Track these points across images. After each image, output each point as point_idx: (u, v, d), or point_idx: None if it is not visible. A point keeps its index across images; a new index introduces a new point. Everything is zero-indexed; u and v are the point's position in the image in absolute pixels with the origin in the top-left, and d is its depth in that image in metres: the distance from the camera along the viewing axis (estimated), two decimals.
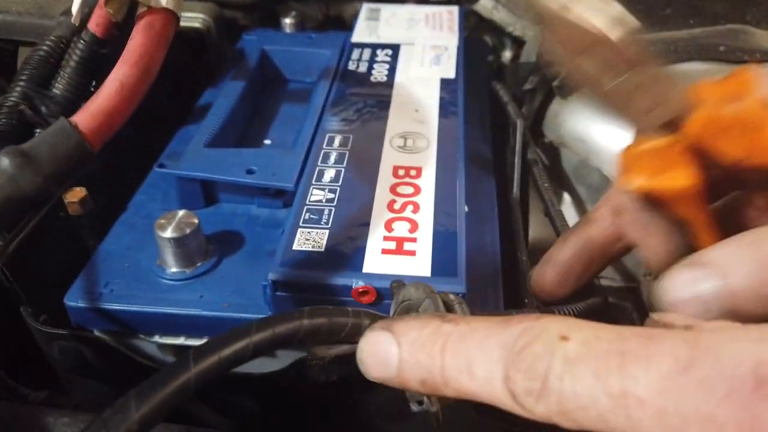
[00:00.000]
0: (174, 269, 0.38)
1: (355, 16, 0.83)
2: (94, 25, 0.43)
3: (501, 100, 0.52)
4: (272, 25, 0.77)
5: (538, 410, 0.18)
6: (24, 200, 0.23)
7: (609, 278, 0.49)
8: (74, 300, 0.37)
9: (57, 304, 0.38)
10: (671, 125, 0.23)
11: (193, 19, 0.60)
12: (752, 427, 0.15)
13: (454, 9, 0.63)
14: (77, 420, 0.27)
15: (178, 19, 0.29)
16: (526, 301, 0.37)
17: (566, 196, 0.50)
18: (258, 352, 0.23)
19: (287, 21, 0.62)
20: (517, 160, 0.46)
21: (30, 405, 0.37)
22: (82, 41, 0.43)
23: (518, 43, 0.77)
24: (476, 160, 0.46)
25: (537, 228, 0.50)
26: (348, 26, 0.84)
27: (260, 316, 0.35)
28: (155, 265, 0.38)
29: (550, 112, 0.52)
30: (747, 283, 0.20)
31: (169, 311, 0.36)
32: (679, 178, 0.23)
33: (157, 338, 0.38)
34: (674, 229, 0.26)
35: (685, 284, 0.22)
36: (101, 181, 0.44)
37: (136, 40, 0.27)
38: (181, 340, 0.37)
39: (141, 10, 0.28)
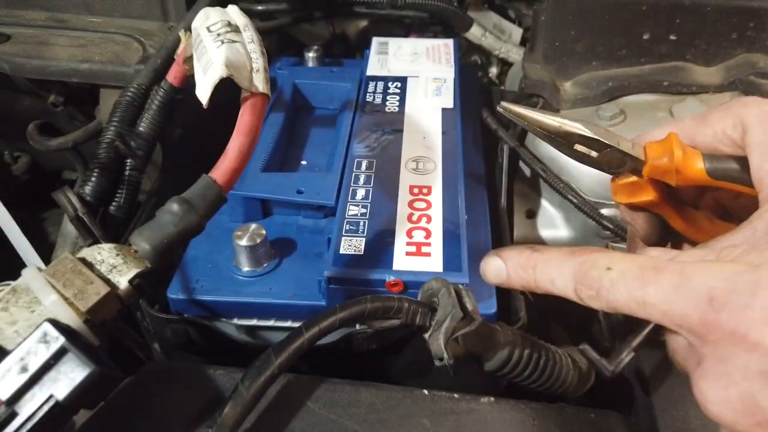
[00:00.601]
0: (247, 268, 0.50)
1: (357, 32, 0.96)
2: (172, 77, 0.54)
3: (490, 127, 0.64)
4: (287, 47, 0.89)
5: (594, 305, 0.32)
6: (189, 232, 0.35)
7: None
8: (175, 293, 0.49)
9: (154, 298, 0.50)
10: (635, 171, 0.37)
11: None
12: (706, 324, 0.28)
13: (450, 42, 0.75)
14: (228, 371, 0.39)
15: (269, 97, 0.41)
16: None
17: (543, 201, 0.63)
18: (342, 324, 0.35)
19: (310, 55, 0.74)
20: (504, 176, 0.58)
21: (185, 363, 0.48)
22: (162, 89, 0.55)
23: (503, 62, 0.90)
24: (472, 176, 0.59)
25: (520, 229, 0.63)
26: (351, 41, 0.96)
27: (317, 303, 0.48)
28: (231, 265, 0.51)
29: (529, 135, 0.64)
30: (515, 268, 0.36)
31: (246, 300, 0.49)
32: (643, 196, 0.37)
33: (235, 320, 0.50)
34: (652, 217, 0.40)
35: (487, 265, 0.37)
36: None
37: (246, 117, 0.39)
38: (254, 322, 0.50)
39: (245, 94, 0.39)
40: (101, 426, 0.35)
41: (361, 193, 0.53)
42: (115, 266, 0.33)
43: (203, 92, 0.39)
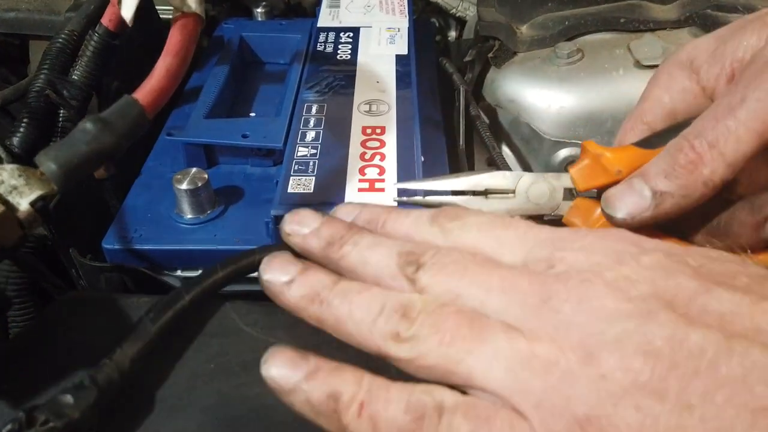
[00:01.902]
0: (189, 215, 0.47)
1: (314, 4, 0.92)
2: (107, 21, 0.51)
3: (447, 71, 0.62)
4: (240, 14, 0.86)
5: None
6: (103, 153, 0.32)
7: None
8: (111, 243, 0.45)
9: (89, 250, 0.47)
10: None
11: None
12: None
13: None
14: (153, 299, 0.36)
15: (203, 20, 0.38)
16: None
17: (504, 147, 0.61)
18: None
19: (259, 11, 0.71)
20: (461, 118, 0.56)
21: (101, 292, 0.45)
22: (96, 34, 0.52)
23: (461, 23, 0.88)
24: (428, 120, 0.56)
25: None
26: (308, 13, 0.93)
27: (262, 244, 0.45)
28: (173, 213, 0.47)
29: (487, 79, 0.62)
30: None
31: (190, 248, 0.45)
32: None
33: (179, 272, 0.47)
34: None
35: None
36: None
37: (175, 37, 0.35)
38: (198, 273, 0.47)
39: (176, 14, 0.36)
40: (8, 358, 0.32)
41: (310, 135, 0.51)
42: (16, 187, 0.30)
43: (127, 7, 0.36)
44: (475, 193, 0.38)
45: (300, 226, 0.32)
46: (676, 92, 0.36)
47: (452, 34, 0.90)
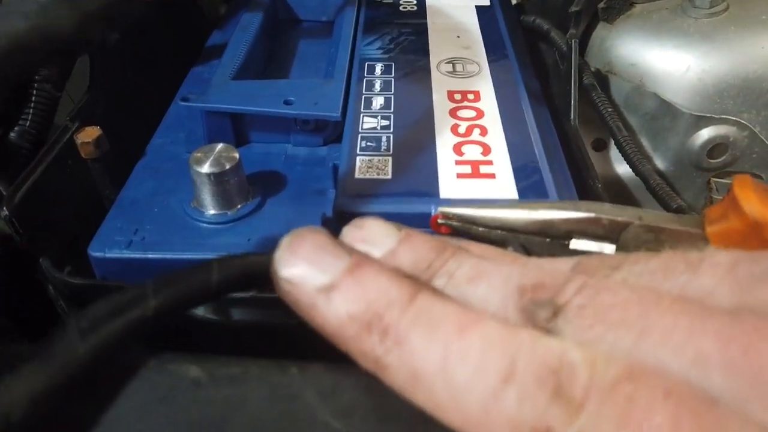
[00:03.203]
0: (213, 211, 0.33)
1: None
2: None
3: (540, 28, 0.48)
4: None
5: None
6: (53, 39, 0.18)
7: None
8: (100, 250, 0.31)
9: (73, 257, 0.33)
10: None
11: None
12: None
13: None
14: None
15: None
16: None
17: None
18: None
19: None
20: (573, 85, 0.42)
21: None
22: None
23: None
24: (527, 84, 0.42)
25: None
26: None
27: None
28: (190, 207, 0.33)
29: (594, 38, 0.48)
30: None
31: (212, 257, 0.31)
32: None
33: None
34: None
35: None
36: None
37: None
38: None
39: None
40: None
41: (378, 101, 0.37)
42: None
43: None
44: (549, 235, 0.24)
45: (367, 244, 0.19)
46: None
47: None
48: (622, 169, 0.47)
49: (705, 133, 0.43)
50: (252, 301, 0.29)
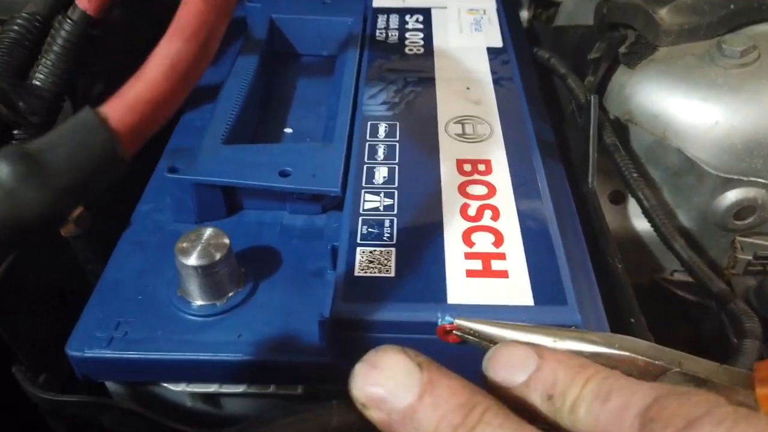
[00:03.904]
0: (201, 302, 0.30)
1: None
2: (86, 1, 0.34)
3: (557, 71, 0.45)
4: None
5: None
6: (25, 223, 0.15)
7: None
8: (78, 349, 0.29)
9: (54, 353, 0.30)
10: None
11: None
12: None
13: None
14: None
15: None
16: (632, 321, 0.31)
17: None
18: None
19: None
20: (592, 148, 0.39)
21: None
22: (69, 20, 0.35)
23: (538, 2, 0.69)
24: (542, 146, 0.39)
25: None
26: None
27: (316, 359, 0.28)
28: (175, 296, 0.31)
29: (613, 84, 0.45)
30: None
31: (200, 357, 0.29)
32: None
33: (184, 386, 0.30)
34: None
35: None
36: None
37: (191, 6, 0.19)
38: (214, 389, 0.30)
39: None
40: None
41: (381, 173, 0.34)
42: None
43: None
44: None
45: (512, 372, 0.20)
46: None
47: (524, 14, 0.73)
48: (641, 225, 0.44)
49: (732, 195, 0.40)
50: None
